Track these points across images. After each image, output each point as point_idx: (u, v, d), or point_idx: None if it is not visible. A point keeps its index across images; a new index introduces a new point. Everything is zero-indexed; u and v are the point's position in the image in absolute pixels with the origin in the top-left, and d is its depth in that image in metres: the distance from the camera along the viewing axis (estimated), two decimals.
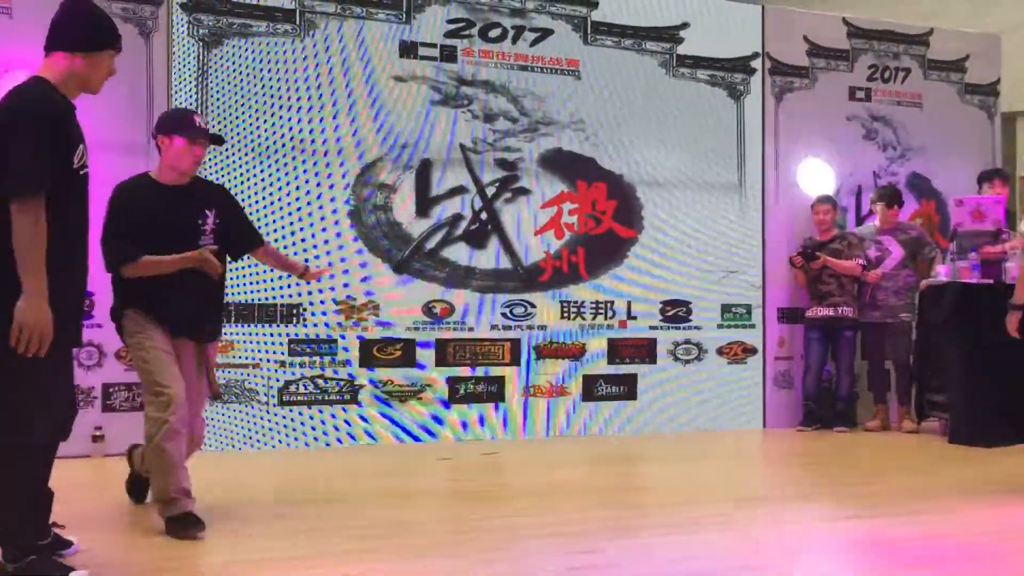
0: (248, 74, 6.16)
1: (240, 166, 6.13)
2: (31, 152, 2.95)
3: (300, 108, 6.27)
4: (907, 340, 7.09)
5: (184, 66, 6.03)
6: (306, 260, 5.94)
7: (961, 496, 4.69)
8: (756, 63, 7.47)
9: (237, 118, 6.13)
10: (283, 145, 6.23)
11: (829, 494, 4.83)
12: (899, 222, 7.37)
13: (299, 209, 6.24)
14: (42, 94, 3.07)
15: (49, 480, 3.18)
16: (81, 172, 3.11)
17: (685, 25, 7.23)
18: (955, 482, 5.10)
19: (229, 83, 6.12)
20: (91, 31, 3.16)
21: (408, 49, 6.53)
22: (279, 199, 6.21)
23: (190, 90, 6.04)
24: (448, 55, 6.64)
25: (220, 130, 6.06)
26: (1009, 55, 8.55)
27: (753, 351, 7.38)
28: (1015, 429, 6.30)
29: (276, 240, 6.16)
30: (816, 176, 7.61)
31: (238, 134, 6.12)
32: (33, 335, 2.90)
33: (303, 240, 6.23)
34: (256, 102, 6.18)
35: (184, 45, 6.04)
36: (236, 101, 6.14)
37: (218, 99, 6.09)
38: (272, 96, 6.21)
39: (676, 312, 7.18)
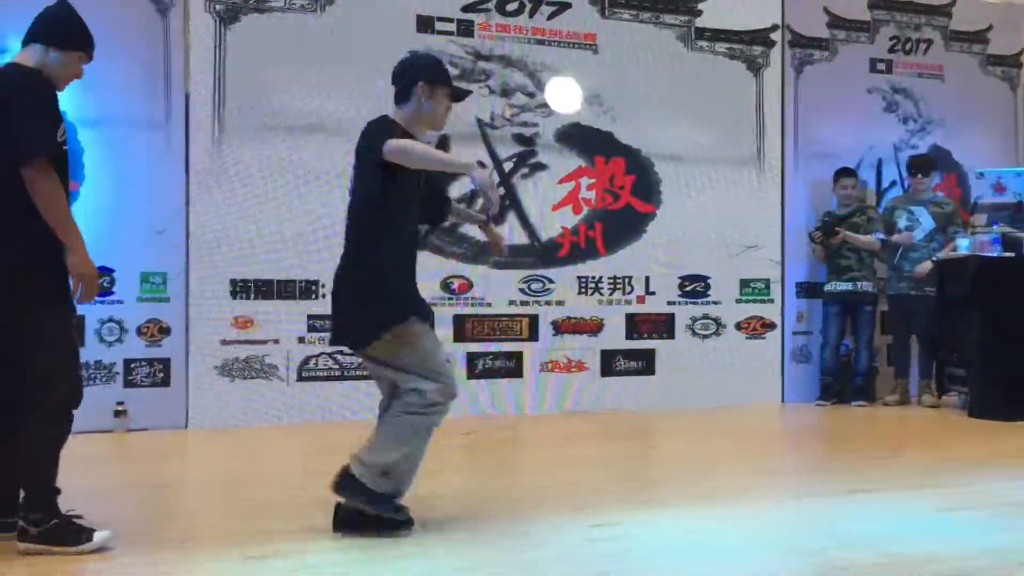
0: (265, 49, 6.16)
1: (258, 143, 6.14)
2: (40, 115, 3.15)
3: (317, 83, 6.27)
4: (930, 313, 7.04)
5: (201, 42, 6.04)
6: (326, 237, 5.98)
7: (980, 470, 4.68)
8: (776, 35, 7.40)
9: (254, 94, 6.14)
10: (301, 121, 6.23)
11: (847, 468, 4.83)
12: (935, 194, 7.30)
13: (317, 186, 6.25)
14: (29, 71, 3.24)
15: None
16: (64, 147, 3.27)
17: None
18: (974, 456, 5.08)
19: (246, 59, 6.13)
20: (70, 30, 3.34)
21: (425, 23, 6.51)
22: (298, 176, 6.22)
23: (207, 67, 6.04)
24: (465, 29, 6.61)
25: (238, 106, 6.09)
26: None
27: (772, 326, 7.36)
28: None
29: (294, 217, 6.20)
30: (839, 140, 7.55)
31: (254, 110, 6.13)
32: (92, 283, 3.21)
33: (322, 216, 6.24)
34: (273, 77, 6.18)
35: (201, 21, 6.04)
36: (253, 77, 6.14)
37: (235, 75, 6.10)
38: (289, 71, 6.21)
39: (694, 287, 7.16)
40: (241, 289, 6.10)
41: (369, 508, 3.40)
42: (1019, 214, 6.77)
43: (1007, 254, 6.57)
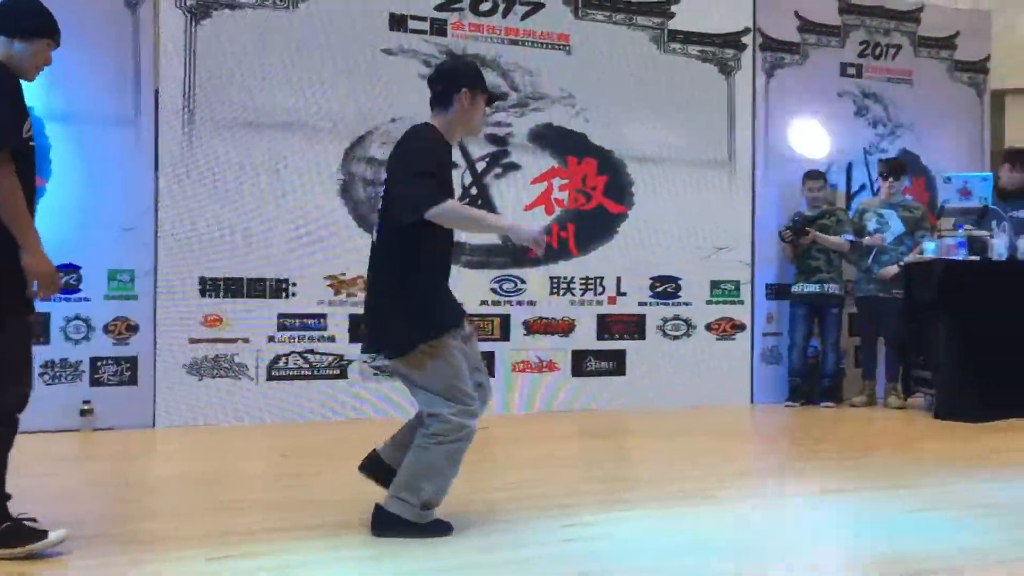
0: (236, 46, 6.11)
1: (228, 140, 6.09)
2: (1, 106, 3.05)
3: (289, 81, 6.22)
4: (899, 316, 7.11)
5: (171, 37, 5.97)
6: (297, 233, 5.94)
7: (945, 471, 4.74)
8: (747, 39, 7.45)
9: (225, 90, 6.08)
10: (272, 120, 6.18)
11: (817, 469, 4.87)
12: (904, 198, 7.38)
13: (289, 183, 6.21)
14: None
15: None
16: (29, 143, 3.19)
17: (676, 0, 7.20)
18: (942, 457, 5.14)
19: (217, 55, 6.07)
20: (32, 18, 3.25)
21: (398, 22, 6.49)
22: (269, 173, 6.17)
23: (177, 62, 5.98)
24: (438, 28, 6.59)
25: (207, 103, 6.04)
26: (999, 32, 8.55)
27: (742, 327, 7.41)
28: (1000, 405, 6.35)
29: (265, 214, 6.15)
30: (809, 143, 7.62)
31: (224, 106, 6.08)
32: (49, 282, 3.12)
33: (293, 214, 6.20)
34: (244, 74, 6.13)
35: (171, 16, 5.97)
36: (224, 74, 6.08)
37: (205, 71, 6.04)
38: (261, 69, 6.16)
39: (665, 288, 7.19)
40: (210, 287, 6.04)
41: (412, 536, 3.35)
42: (984, 219, 6.86)
43: (973, 257, 6.66)
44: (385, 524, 3.38)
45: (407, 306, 3.34)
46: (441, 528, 3.44)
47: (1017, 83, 10.45)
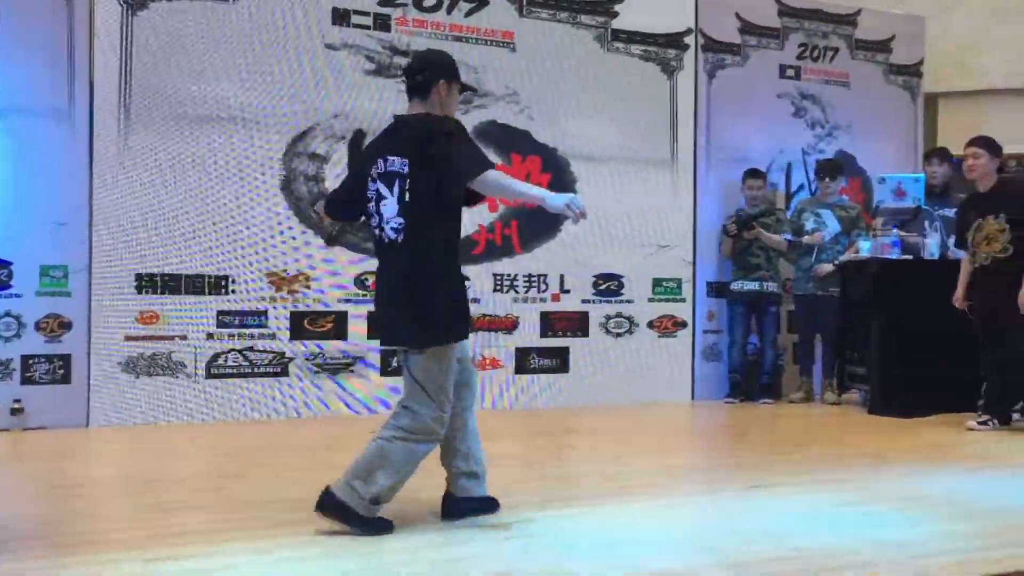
0: (174, 38, 6.00)
1: (165, 133, 5.98)
2: None
3: (229, 75, 6.14)
4: (835, 314, 7.25)
5: (107, 30, 5.85)
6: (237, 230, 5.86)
7: (875, 465, 4.85)
8: (689, 39, 7.53)
9: (162, 83, 5.98)
10: (211, 113, 6.09)
11: (753, 464, 4.95)
12: (840, 198, 7.51)
13: (228, 178, 6.13)
14: None
15: None
16: None
17: (620, 0, 7.25)
18: (871, 452, 5.26)
19: (154, 47, 5.96)
20: None
21: (341, 16, 6.43)
22: (207, 167, 6.09)
23: (113, 54, 5.86)
24: (382, 24, 6.56)
25: (145, 98, 5.93)
26: (932, 37, 8.76)
27: (683, 324, 7.49)
28: (930, 401, 6.52)
29: (204, 210, 6.06)
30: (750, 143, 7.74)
31: (162, 99, 5.97)
32: None
33: (233, 210, 6.13)
34: (183, 67, 6.03)
35: (107, 7, 5.85)
36: (161, 66, 5.98)
37: (142, 63, 5.93)
38: (199, 62, 6.07)
39: (608, 286, 7.25)
40: (147, 284, 5.94)
41: (352, 527, 3.36)
42: (917, 219, 7.03)
43: (906, 256, 6.82)
44: (330, 507, 3.38)
45: (440, 300, 3.43)
46: (383, 526, 3.43)
47: (950, 86, 10.73)
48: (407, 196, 3.44)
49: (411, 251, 3.45)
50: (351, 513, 3.37)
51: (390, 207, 3.48)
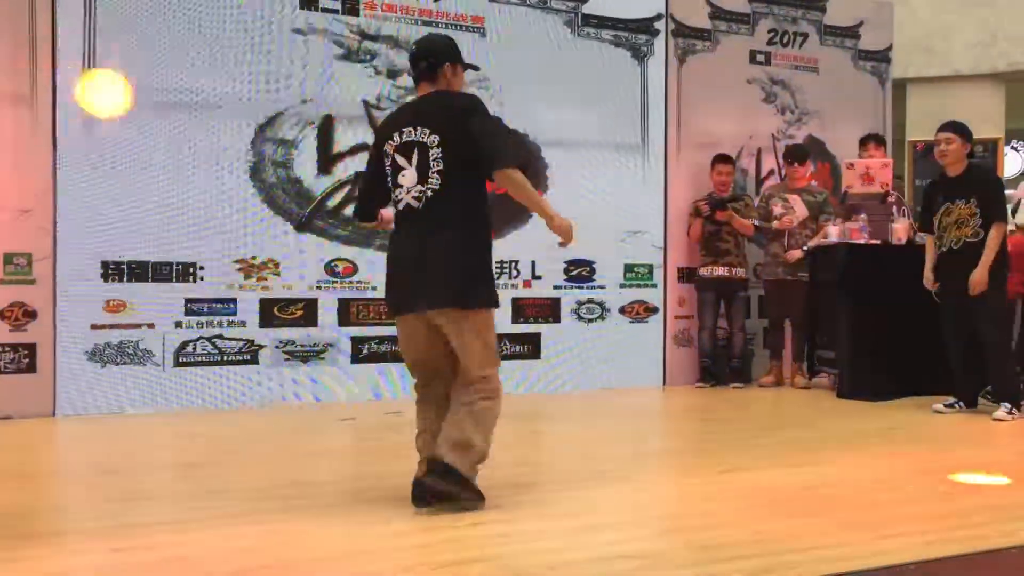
0: (140, 23, 5.91)
1: (135, 120, 5.90)
2: None
3: (198, 60, 6.06)
4: (804, 298, 7.30)
5: (71, 14, 5.75)
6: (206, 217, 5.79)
7: (843, 448, 4.90)
8: (659, 24, 7.53)
9: (128, 69, 5.89)
10: (179, 100, 6.02)
11: (723, 448, 4.98)
12: (808, 183, 7.54)
13: (194, 165, 6.06)
14: None
15: None
16: None
17: None
18: (839, 435, 5.31)
19: (119, 32, 5.86)
20: None
21: (309, 1, 6.37)
22: (174, 154, 6.01)
23: (77, 39, 5.76)
24: (350, 8, 6.50)
25: (111, 83, 5.83)
26: (901, 23, 8.83)
27: (654, 310, 7.52)
28: (898, 384, 6.59)
29: (171, 196, 5.99)
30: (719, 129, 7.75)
31: (130, 87, 5.88)
32: None
33: (200, 197, 6.06)
34: (149, 53, 5.94)
35: None
36: (127, 52, 5.89)
37: (106, 49, 5.84)
38: (166, 47, 5.98)
39: (580, 272, 7.25)
40: (113, 271, 5.87)
41: (464, 496, 3.46)
42: (885, 203, 7.09)
43: (874, 241, 6.88)
44: (441, 474, 3.42)
45: (480, 264, 3.61)
46: (479, 494, 3.52)
47: (918, 72, 10.82)
48: (432, 165, 3.54)
49: (448, 213, 3.57)
50: (463, 481, 3.45)
51: (409, 176, 3.56)
